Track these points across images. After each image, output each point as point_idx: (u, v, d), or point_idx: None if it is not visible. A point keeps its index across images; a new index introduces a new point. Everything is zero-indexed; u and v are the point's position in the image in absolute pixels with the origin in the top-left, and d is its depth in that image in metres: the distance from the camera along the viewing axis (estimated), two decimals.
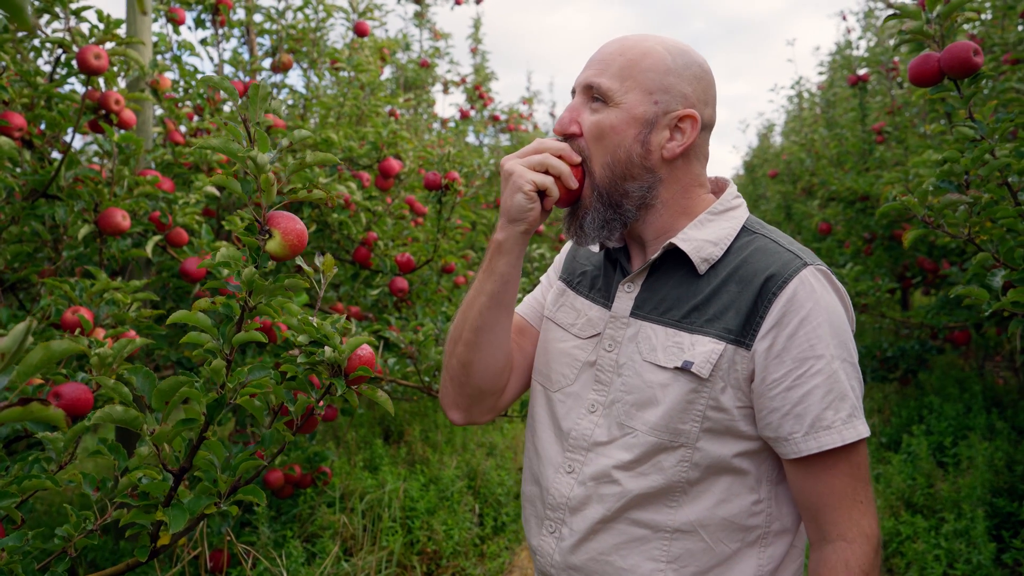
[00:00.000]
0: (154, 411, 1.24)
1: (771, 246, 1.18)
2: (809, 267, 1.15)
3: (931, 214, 1.82)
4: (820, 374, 1.10)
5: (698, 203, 1.26)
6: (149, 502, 1.33)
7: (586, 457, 1.23)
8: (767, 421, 1.13)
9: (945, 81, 1.80)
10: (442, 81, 7.42)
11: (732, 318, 1.14)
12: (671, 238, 1.22)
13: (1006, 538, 3.34)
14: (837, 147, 5.87)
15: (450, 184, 3.03)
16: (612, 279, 1.31)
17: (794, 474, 1.15)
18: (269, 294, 1.27)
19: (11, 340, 0.72)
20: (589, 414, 1.24)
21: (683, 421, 1.14)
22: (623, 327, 1.24)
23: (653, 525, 1.17)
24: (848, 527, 1.12)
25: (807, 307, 1.11)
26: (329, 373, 1.37)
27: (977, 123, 1.77)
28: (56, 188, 2.52)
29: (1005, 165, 1.73)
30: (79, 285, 1.92)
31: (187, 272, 2.60)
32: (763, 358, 1.12)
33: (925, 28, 1.77)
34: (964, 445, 4.03)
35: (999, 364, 5.89)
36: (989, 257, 1.76)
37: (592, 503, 1.20)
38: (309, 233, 1.32)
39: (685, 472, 1.15)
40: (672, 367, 1.15)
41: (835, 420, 1.10)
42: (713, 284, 1.18)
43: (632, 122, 1.18)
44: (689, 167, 1.24)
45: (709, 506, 1.16)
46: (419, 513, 3.42)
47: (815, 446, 1.10)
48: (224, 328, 1.28)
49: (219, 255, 1.19)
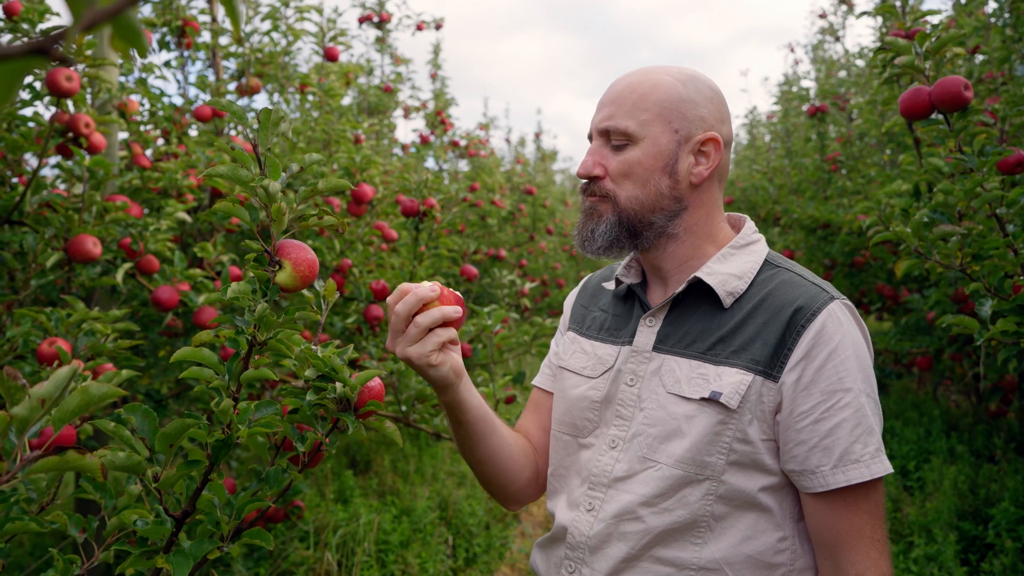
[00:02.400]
0: (155, 453, 1.17)
1: (796, 279, 1.19)
2: (836, 300, 1.15)
3: (923, 245, 1.84)
4: (849, 407, 1.09)
5: (719, 229, 1.27)
6: (148, 548, 1.25)
7: (606, 494, 1.20)
8: (793, 454, 1.11)
9: (935, 115, 1.83)
10: (403, 106, 7.39)
11: (759, 349, 1.13)
12: (694, 270, 1.22)
13: (973, 561, 3.39)
14: (797, 175, 5.98)
15: (428, 211, 2.99)
16: (627, 317, 1.31)
17: (815, 509, 1.13)
18: (279, 327, 1.21)
19: (53, 385, 0.66)
20: (610, 450, 1.22)
21: (709, 453, 1.12)
22: (645, 362, 1.22)
23: (678, 563, 1.13)
24: (867, 567, 1.10)
25: (836, 340, 1.11)
26: (337, 408, 1.31)
27: (967, 156, 1.80)
28: (19, 214, 2.42)
29: (996, 197, 1.76)
30: (55, 315, 1.83)
31: (159, 301, 2.51)
32: (791, 390, 1.11)
33: (916, 63, 1.80)
34: (927, 469, 4.10)
35: (951, 388, 6.03)
36: (981, 287, 1.79)
37: (613, 541, 1.17)
38: None
39: (710, 506, 1.13)
40: (698, 398, 1.14)
41: (863, 454, 1.09)
42: (738, 317, 1.17)
43: (658, 155, 1.19)
44: (711, 191, 1.25)
45: (735, 543, 1.13)
46: (393, 546, 3.33)
47: (843, 480, 1.08)
48: (231, 364, 1.22)
49: (230, 290, 1.13)
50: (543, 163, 12.02)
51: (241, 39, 3.82)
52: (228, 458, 2.55)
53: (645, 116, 1.19)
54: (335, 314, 3.49)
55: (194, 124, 3.65)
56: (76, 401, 0.73)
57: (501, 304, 4.38)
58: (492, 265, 6.63)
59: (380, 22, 7.06)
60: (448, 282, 4.83)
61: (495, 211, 7.27)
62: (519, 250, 8.29)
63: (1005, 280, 1.79)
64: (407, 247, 3.48)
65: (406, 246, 3.56)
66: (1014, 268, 1.79)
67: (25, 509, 1.46)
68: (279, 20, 4.01)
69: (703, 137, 1.20)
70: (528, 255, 8.50)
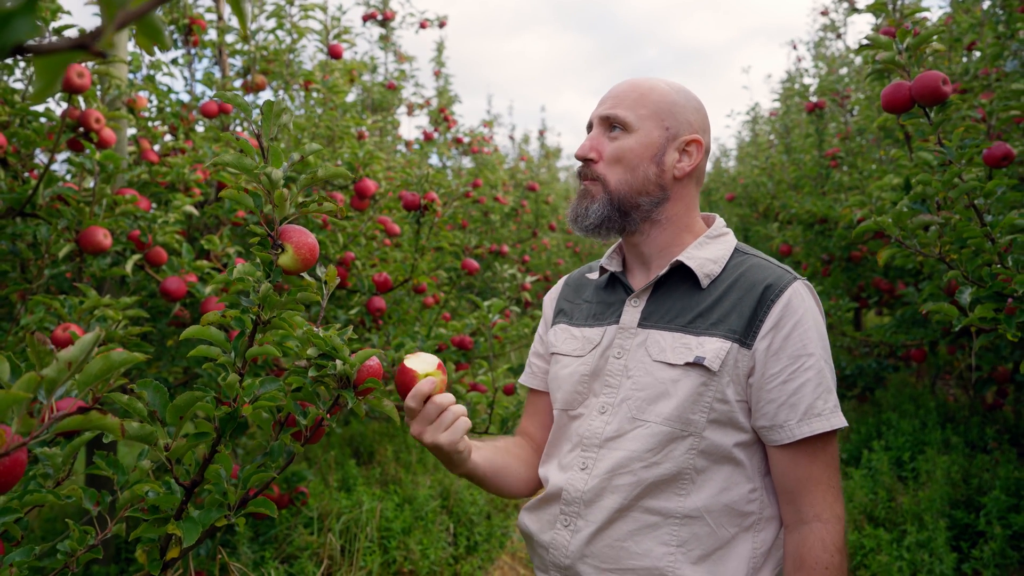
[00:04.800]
0: (166, 425, 1.25)
1: (764, 263, 1.37)
2: (799, 280, 1.33)
3: (904, 234, 1.91)
4: (812, 369, 1.27)
5: (696, 222, 1.44)
6: (159, 516, 1.33)
7: (598, 454, 1.34)
8: (764, 411, 1.28)
9: (915, 108, 1.90)
10: (407, 103, 7.46)
11: (736, 321, 1.29)
12: (675, 255, 1.39)
13: (965, 548, 3.45)
14: (795, 171, 6.05)
15: (429, 205, 3.06)
16: (611, 301, 1.45)
17: (780, 459, 1.29)
18: (281, 307, 1.29)
19: (79, 349, 0.74)
20: (600, 415, 1.36)
21: (693, 412, 1.27)
22: (631, 337, 1.37)
23: (664, 512, 1.28)
24: (823, 509, 1.27)
25: (800, 312, 1.28)
26: (337, 385, 1.39)
27: (946, 148, 1.87)
28: (31, 206, 2.49)
29: (973, 188, 1.83)
30: (68, 303, 1.91)
31: (167, 291, 2.59)
32: (763, 356, 1.27)
33: (896, 59, 1.87)
34: (922, 459, 4.16)
35: (949, 382, 6.08)
36: (959, 274, 1.86)
37: (607, 494, 1.31)
38: None
39: (693, 460, 1.28)
40: (683, 363, 1.29)
41: (824, 409, 1.26)
42: (715, 295, 1.33)
43: (648, 145, 1.36)
44: (691, 187, 1.42)
45: (713, 493, 1.28)
46: (395, 533, 3.41)
47: (808, 431, 1.25)
48: (237, 342, 1.30)
49: (236, 271, 1.21)
50: (547, 160, 12.09)
51: (248, 36, 3.90)
52: (234, 444, 2.63)
53: (642, 111, 1.36)
54: (339, 307, 3.57)
55: (200, 120, 3.73)
56: (99, 366, 0.80)
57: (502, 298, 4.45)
58: (494, 260, 6.70)
59: (384, 20, 7.14)
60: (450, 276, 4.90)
61: (498, 207, 7.33)
62: (522, 246, 8.36)
63: (983, 268, 1.85)
64: (409, 240, 3.55)
65: (409, 240, 3.63)
66: (991, 256, 1.86)
67: (42, 484, 1.54)
68: (284, 18, 4.08)
69: (688, 138, 1.37)
70: (531, 251, 8.56)
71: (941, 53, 1.83)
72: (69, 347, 0.76)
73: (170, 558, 1.34)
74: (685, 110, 1.38)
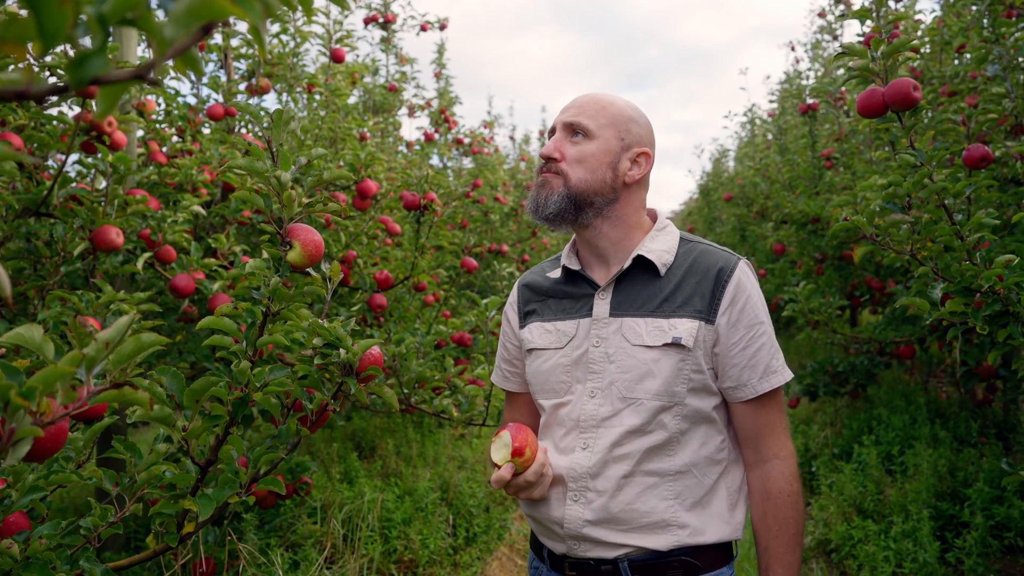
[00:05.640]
0: (184, 409, 1.35)
1: (711, 249, 1.57)
2: (742, 260, 1.54)
3: (878, 232, 2.01)
4: (764, 335, 1.50)
5: (643, 220, 1.61)
6: (176, 493, 1.44)
7: (596, 432, 1.49)
8: (729, 374, 1.49)
9: (889, 113, 2.00)
10: (408, 105, 7.56)
11: (699, 302, 1.48)
12: (628, 251, 1.56)
13: (949, 539, 3.56)
14: (789, 172, 6.15)
15: (428, 204, 3.16)
16: (577, 296, 1.60)
17: (742, 412, 1.52)
18: (289, 300, 1.39)
19: (115, 331, 0.84)
20: (590, 399, 1.51)
21: (676, 384, 1.45)
22: (605, 326, 1.53)
23: (660, 472, 1.46)
24: (780, 448, 1.52)
25: (748, 288, 1.50)
26: (341, 372, 1.49)
27: (917, 151, 1.97)
28: (46, 206, 2.60)
29: (942, 188, 1.93)
30: (85, 297, 2.02)
31: (176, 288, 2.69)
32: (724, 328, 1.47)
33: (871, 65, 1.97)
34: (911, 454, 4.26)
35: (942, 380, 6.18)
36: (929, 271, 1.96)
37: (611, 464, 1.47)
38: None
39: (678, 425, 1.47)
40: (661, 344, 1.46)
41: (778, 367, 1.51)
42: (674, 281, 1.52)
43: (606, 152, 1.53)
44: (640, 192, 1.59)
45: (695, 449, 1.48)
46: (395, 523, 3.51)
47: (767, 386, 1.48)
48: (248, 332, 1.40)
49: (248, 265, 1.31)
50: None
51: (267, 58, 4.00)
52: (245, 428, 2.73)
53: (603, 121, 1.54)
54: (341, 304, 3.67)
55: (207, 123, 3.84)
56: (131, 346, 0.91)
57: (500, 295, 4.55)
58: (494, 259, 6.80)
59: (385, 23, 7.24)
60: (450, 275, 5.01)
61: (498, 207, 7.43)
62: (522, 245, 8.45)
63: (952, 264, 1.95)
64: (410, 239, 3.65)
65: (409, 239, 3.73)
66: (961, 253, 1.96)
67: (64, 466, 1.64)
68: (287, 23, 4.19)
69: (639, 150, 1.55)
70: (531, 251, 8.66)
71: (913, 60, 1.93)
72: (106, 329, 0.86)
73: (186, 532, 1.45)
74: (638, 125, 1.56)
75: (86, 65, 0.48)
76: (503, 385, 1.79)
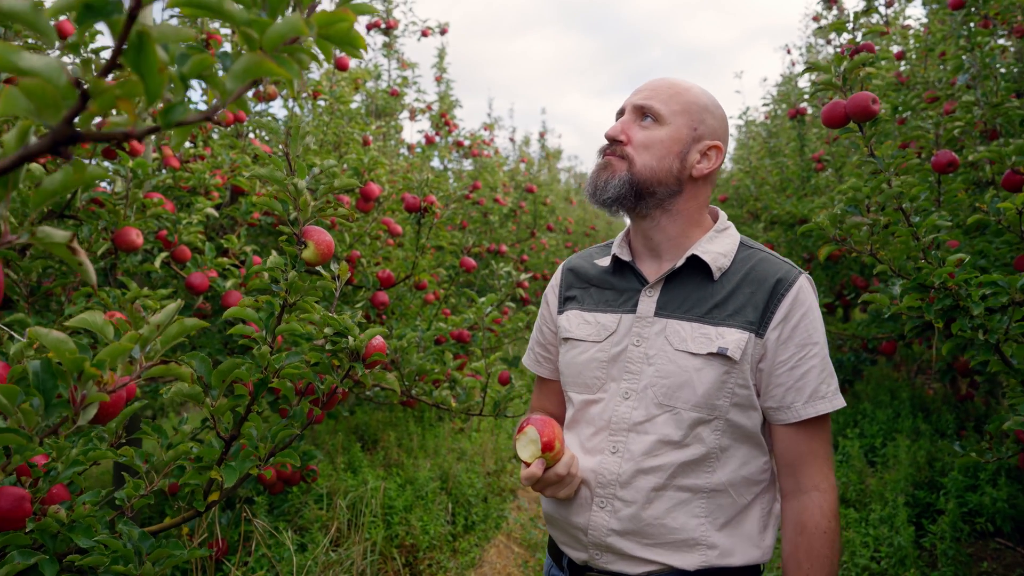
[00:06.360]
0: (211, 389, 1.53)
1: (771, 258, 1.47)
2: (803, 275, 1.44)
3: (841, 233, 2.19)
4: (816, 357, 1.39)
5: (705, 219, 1.52)
6: (202, 465, 1.61)
7: (628, 437, 1.41)
8: (772, 394, 1.39)
9: (850, 123, 2.17)
10: (409, 108, 7.74)
11: (751, 312, 1.39)
12: (683, 248, 1.48)
13: (925, 525, 3.73)
14: (779, 174, 6.33)
15: (428, 207, 3.34)
16: (623, 288, 1.52)
17: (783, 436, 1.42)
18: (304, 292, 1.57)
19: (165, 315, 1.02)
20: (624, 400, 1.43)
21: (717, 397, 1.37)
22: (649, 325, 1.44)
23: (695, 488, 1.38)
24: (821, 480, 1.39)
25: (806, 305, 1.40)
26: (349, 358, 1.67)
27: (876, 158, 2.15)
28: (71, 209, 2.78)
29: (899, 193, 2.11)
30: (112, 294, 2.20)
31: (192, 285, 2.87)
32: (773, 344, 1.38)
33: (833, 80, 2.14)
34: (892, 446, 4.44)
35: (929, 376, 6.36)
36: (887, 268, 2.13)
37: (641, 476, 1.39)
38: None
39: (718, 440, 1.38)
40: (705, 353, 1.37)
41: (827, 392, 1.39)
42: (728, 288, 1.42)
43: (676, 140, 1.43)
44: (706, 188, 1.49)
45: (735, 468, 1.40)
46: (397, 510, 3.69)
47: (812, 412, 1.38)
48: (267, 321, 1.58)
49: (269, 262, 1.49)
50: (547, 161, 12.36)
51: (296, 97, 4.17)
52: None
53: (675, 107, 1.43)
54: (344, 302, 3.85)
55: (217, 128, 4.02)
56: (176, 328, 1.08)
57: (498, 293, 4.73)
58: (492, 259, 6.98)
59: (387, 28, 7.42)
60: (449, 274, 5.18)
61: (497, 208, 7.61)
62: (520, 246, 8.64)
63: (908, 262, 2.13)
64: (411, 240, 3.83)
65: (410, 239, 3.91)
66: (916, 252, 2.14)
67: (98, 444, 1.82)
68: None
69: (711, 143, 1.45)
70: (529, 251, 8.85)
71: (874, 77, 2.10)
72: (157, 314, 1.04)
73: (211, 500, 1.63)
74: (713, 116, 1.46)
75: (172, 112, 0.66)
76: (534, 369, 1.71)
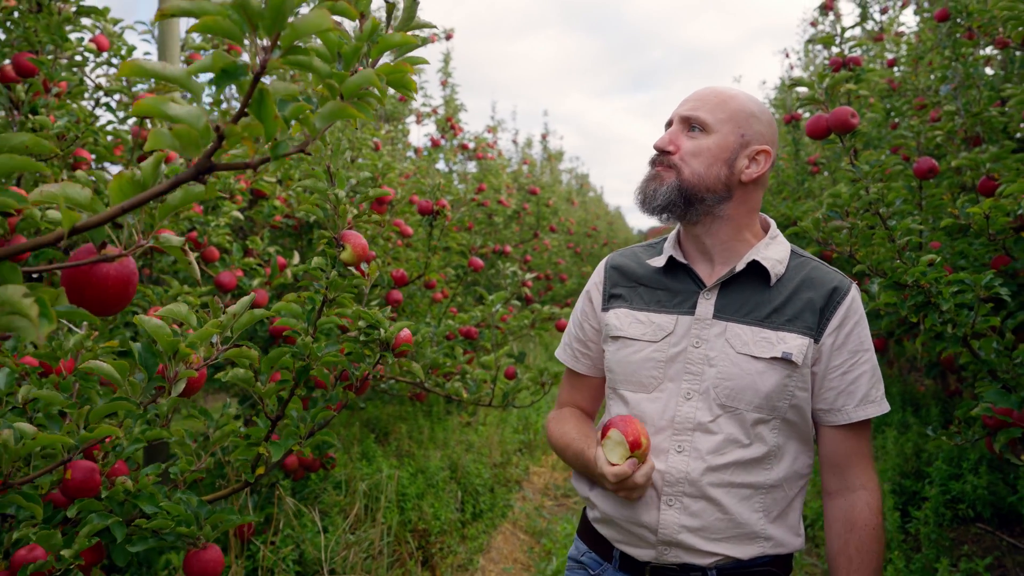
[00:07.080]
0: (261, 373, 1.73)
1: (823, 267, 1.53)
2: (855, 284, 1.52)
3: (823, 236, 2.39)
4: (868, 363, 1.47)
5: (755, 223, 1.55)
6: (251, 442, 1.82)
7: (693, 436, 1.44)
8: (824, 396, 1.47)
9: (832, 135, 2.38)
10: (416, 112, 7.94)
11: (810, 318, 1.44)
12: (735, 252, 1.51)
13: (911, 511, 3.93)
14: (773, 177, 6.53)
15: (440, 210, 3.55)
16: (678, 290, 1.54)
17: (832, 437, 1.49)
18: (342, 290, 1.78)
19: (240, 306, 1.22)
20: (686, 401, 1.46)
21: (779, 400, 1.43)
22: (708, 327, 1.48)
23: (755, 485, 1.44)
24: (868, 479, 1.47)
25: (859, 313, 1.48)
26: (379, 348, 1.87)
27: (855, 167, 2.35)
28: None
29: (876, 199, 2.31)
30: (156, 291, 2.40)
31: (221, 283, 3.08)
32: (828, 349, 1.44)
33: (816, 96, 2.35)
34: (881, 438, 4.65)
35: (921, 373, 6.56)
36: (865, 268, 2.34)
37: (709, 473, 1.43)
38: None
39: (776, 439, 1.45)
40: (768, 357, 1.42)
41: (876, 397, 1.47)
42: (784, 294, 1.47)
43: (724, 148, 1.47)
44: (756, 192, 1.52)
45: (788, 464, 1.47)
46: (410, 497, 3.90)
47: (862, 415, 1.45)
48: (309, 315, 1.78)
49: (313, 262, 1.70)
50: (549, 163, 12.56)
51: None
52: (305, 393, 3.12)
53: (722, 116, 1.47)
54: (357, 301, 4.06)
55: None
56: (246, 318, 1.29)
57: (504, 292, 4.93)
58: (498, 259, 7.19)
59: None
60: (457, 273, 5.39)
61: (501, 210, 7.81)
62: (524, 246, 8.84)
63: (884, 263, 2.34)
64: (422, 241, 4.04)
65: (421, 240, 4.12)
66: (892, 254, 2.34)
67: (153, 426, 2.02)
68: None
69: (759, 148, 1.48)
70: (532, 251, 9.05)
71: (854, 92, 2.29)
72: (234, 304, 1.24)
73: (259, 473, 1.83)
74: (760, 122, 1.48)
75: (280, 146, 0.86)
76: (571, 365, 1.72)
